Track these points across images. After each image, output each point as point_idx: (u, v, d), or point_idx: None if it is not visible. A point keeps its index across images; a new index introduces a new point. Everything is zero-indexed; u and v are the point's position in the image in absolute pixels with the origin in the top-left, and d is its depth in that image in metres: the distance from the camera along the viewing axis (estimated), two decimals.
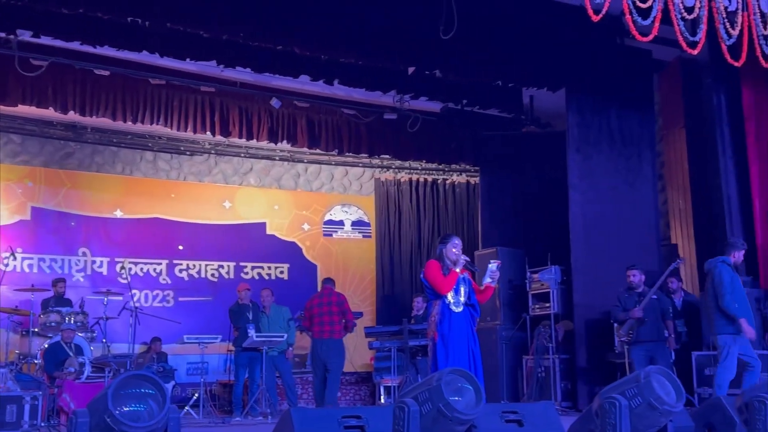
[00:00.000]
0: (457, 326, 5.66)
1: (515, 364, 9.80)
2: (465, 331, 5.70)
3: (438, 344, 5.63)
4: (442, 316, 5.66)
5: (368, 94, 9.87)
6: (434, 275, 5.72)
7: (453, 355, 5.57)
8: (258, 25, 7.60)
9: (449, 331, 5.62)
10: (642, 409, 3.59)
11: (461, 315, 5.71)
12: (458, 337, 5.63)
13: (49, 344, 8.79)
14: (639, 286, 7.71)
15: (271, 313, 9.28)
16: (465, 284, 5.81)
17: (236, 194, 12.00)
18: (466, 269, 5.85)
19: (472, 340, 5.74)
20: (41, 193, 10.75)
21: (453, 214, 12.66)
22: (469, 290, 5.82)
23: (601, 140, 9.37)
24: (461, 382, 3.42)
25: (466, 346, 5.66)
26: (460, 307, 5.72)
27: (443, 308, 5.69)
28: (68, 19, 7.47)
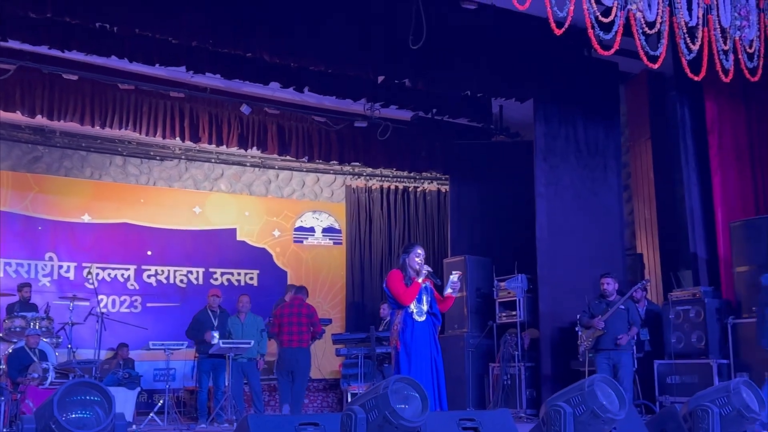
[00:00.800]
0: (419, 335, 5.71)
1: (482, 371, 9.87)
2: (427, 340, 5.75)
3: (401, 353, 5.67)
4: (405, 325, 5.71)
5: (339, 101, 9.92)
6: (396, 285, 5.77)
7: (415, 364, 5.62)
8: (227, 32, 7.61)
9: (411, 340, 5.67)
10: (586, 417, 3.66)
11: (423, 324, 5.77)
12: (421, 345, 5.69)
13: (13, 349, 8.71)
14: (612, 294, 7.79)
15: (246, 321, 9.25)
16: (427, 293, 5.86)
17: (207, 200, 11.98)
18: (429, 279, 5.90)
19: (435, 348, 5.80)
20: (8, 197, 10.66)
21: (423, 221, 12.75)
22: (432, 299, 5.88)
23: (568, 150, 9.48)
24: (408, 390, 3.47)
25: (429, 355, 5.72)
26: (423, 317, 5.78)
27: (406, 317, 5.74)
28: (36, 23, 7.43)
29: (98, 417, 2.81)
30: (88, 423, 2.78)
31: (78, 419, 2.77)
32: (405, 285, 5.76)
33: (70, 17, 7.06)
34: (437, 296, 5.95)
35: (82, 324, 9.72)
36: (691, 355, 7.92)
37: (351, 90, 9.43)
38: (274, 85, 9.15)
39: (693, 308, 8.03)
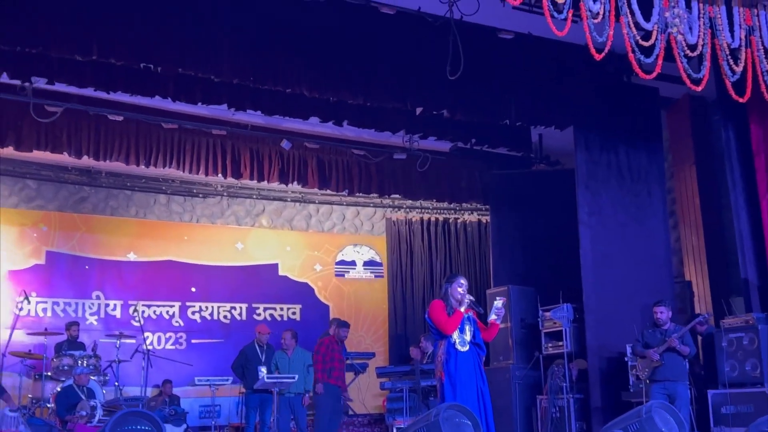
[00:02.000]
0: (463, 365, 5.63)
1: (529, 403, 9.68)
2: (472, 370, 5.67)
3: (446, 384, 5.60)
4: (449, 356, 5.65)
5: (377, 134, 9.96)
6: (439, 315, 5.73)
7: (461, 394, 5.53)
8: (267, 69, 7.72)
9: (456, 371, 5.60)
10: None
11: (467, 354, 5.69)
12: (465, 376, 5.61)
13: (61, 388, 8.80)
14: (666, 322, 7.61)
15: (293, 356, 9.20)
16: (470, 323, 5.81)
17: (249, 236, 12.07)
18: (471, 309, 5.84)
19: (480, 378, 5.71)
20: (56, 238, 10.87)
21: (465, 252, 12.67)
22: (475, 329, 5.81)
23: (610, 177, 9.37)
24: (460, 417, 3.41)
25: (474, 385, 5.63)
26: (466, 347, 5.71)
27: (449, 348, 5.68)
28: (82, 66, 7.63)
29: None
30: None
31: None
32: (447, 314, 5.72)
33: (114, 59, 7.22)
34: (481, 325, 5.88)
35: (129, 361, 9.84)
36: (745, 384, 7.66)
37: (389, 122, 9.48)
38: (314, 119, 9.24)
39: (746, 335, 7.79)
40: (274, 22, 7.46)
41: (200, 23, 7.29)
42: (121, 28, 7.02)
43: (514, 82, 8.66)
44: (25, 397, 9.36)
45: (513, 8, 7.18)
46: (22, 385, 9.40)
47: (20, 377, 9.41)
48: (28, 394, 9.38)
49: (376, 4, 7.45)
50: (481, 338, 5.83)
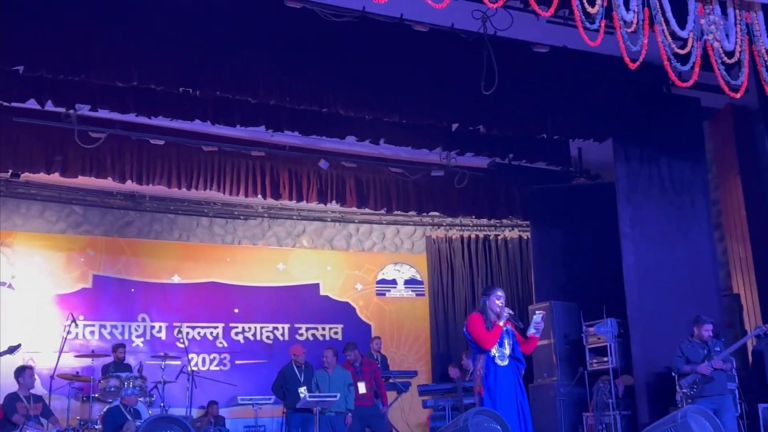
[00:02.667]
0: (503, 379, 5.57)
1: (575, 421, 9.51)
2: (512, 384, 5.60)
3: (485, 398, 5.54)
4: (488, 370, 5.59)
5: (414, 152, 9.99)
6: (477, 329, 5.68)
7: (501, 409, 5.46)
8: (303, 89, 7.81)
9: (495, 385, 5.54)
10: None
11: (506, 368, 5.63)
12: (505, 390, 5.54)
13: (108, 409, 8.91)
14: (709, 339, 7.47)
15: (333, 375, 9.21)
16: (509, 337, 5.75)
17: (290, 256, 12.16)
18: (510, 322, 5.78)
19: (520, 393, 5.64)
20: (102, 262, 11.09)
21: (506, 269, 12.57)
22: (514, 342, 5.75)
23: (652, 189, 9.24)
24: (489, 422, 3.37)
25: (515, 400, 5.56)
26: (505, 361, 5.65)
27: (488, 362, 5.62)
28: (123, 92, 7.82)
29: None
30: None
31: None
32: (486, 328, 5.66)
33: (154, 84, 7.39)
34: (520, 339, 5.82)
35: (174, 382, 9.93)
36: None
37: (426, 139, 9.50)
38: (350, 138, 9.31)
39: None
40: (307, 42, 7.55)
41: (235, 47, 7.42)
42: (160, 54, 7.18)
43: (551, 95, 8.62)
44: (73, 419, 9.50)
45: (547, 21, 7.19)
46: (70, 407, 9.53)
47: (68, 399, 9.55)
48: (76, 416, 9.52)
49: (409, 22, 7.49)
50: (521, 352, 5.77)
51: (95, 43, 6.93)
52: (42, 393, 8.84)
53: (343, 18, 7.21)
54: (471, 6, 7.00)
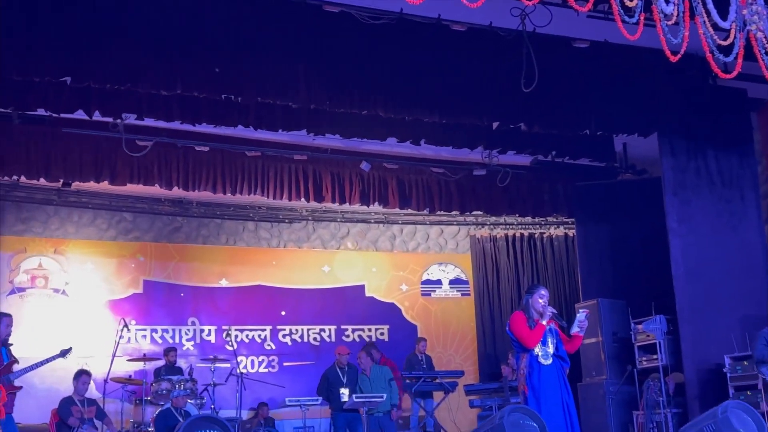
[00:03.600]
0: (547, 378, 5.54)
1: (625, 420, 9.39)
2: (556, 383, 5.57)
3: (529, 398, 5.51)
4: (531, 369, 5.57)
5: (455, 151, 9.96)
6: (520, 328, 5.66)
7: (546, 408, 5.42)
8: (343, 93, 7.88)
9: (539, 384, 5.51)
10: None
11: (550, 367, 5.60)
12: (549, 389, 5.51)
13: (160, 411, 9.11)
14: None
15: (372, 375, 9.30)
16: (552, 336, 5.71)
17: (335, 258, 12.26)
18: (553, 320, 5.75)
19: (565, 391, 5.60)
20: (152, 267, 11.33)
21: (552, 267, 12.47)
22: (557, 341, 5.71)
23: (700, 183, 9.07)
24: (525, 420, 3.36)
25: (560, 398, 5.52)
26: (549, 360, 5.61)
27: (531, 361, 5.60)
28: (168, 101, 8.00)
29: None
30: None
31: None
32: (529, 327, 5.64)
33: (197, 92, 7.54)
34: (563, 337, 5.77)
35: (224, 384, 10.10)
36: None
37: (467, 139, 9.47)
38: (391, 140, 9.34)
39: None
40: (346, 46, 7.61)
41: (275, 52, 7.51)
42: (202, 62, 7.31)
43: (592, 90, 8.53)
44: (127, 422, 9.72)
45: (587, 16, 7.11)
46: (123, 410, 9.75)
47: (122, 402, 9.77)
48: (129, 419, 9.75)
49: (447, 22, 7.49)
50: (564, 350, 5.73)
51: (140, 53, 7.09)
52: (96, 396, 9.06)
53: (381, 20, 7.24)
54: (509, 4, 6.96)
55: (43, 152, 8.76)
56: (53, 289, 10.62)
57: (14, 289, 10.37)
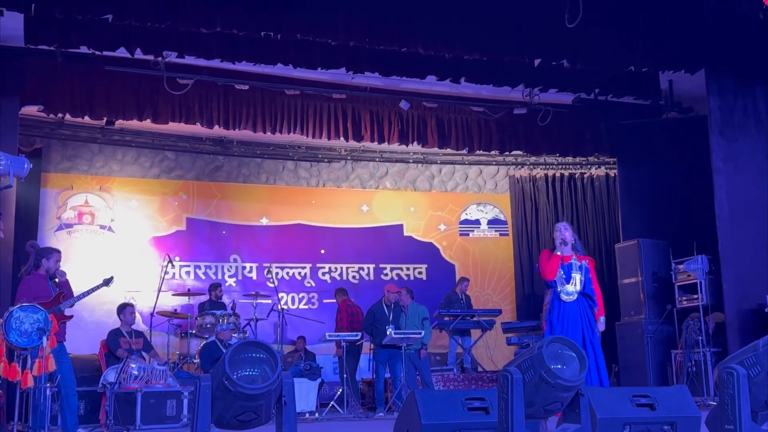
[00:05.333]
0: (567, 315, 5.63)
1: (663, 359, 9.43)
2: (577, 320, 5.64)
3: (546, 333, 5.62)
4: (552, 306, 5.70)
5: (496, 90, 9.82)
6: (541, 261, 5.79)
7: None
8: (382, 29, 7.81)
9: (558, 320, 5.62)
10: (761, 378, 3.40)
11: (573, 304, 5.67)
12: (570, 325, 5.60)
13: (204, 344, 9.40)
14: None
15: (409, 312, 9.46)
16: (582, 272, 5.75)
17: (373, 198, 12.33)
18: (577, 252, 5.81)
19: (588, 328, 5.67)
20: (195, 205, 11.52)
21: (592, 208, 12.37)
22: (586, 279, 5.75)
23: (747, 122, 8.87)
24: (564, 350, 3.40)
25: (580, 334, 5.60)
26: (573, 296, 5.67)
27: (553, 298, 5.71)
28: (208, 38, 8.01)
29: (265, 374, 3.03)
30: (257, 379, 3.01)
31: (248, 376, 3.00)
32: (548, 260, 5.74)
33: (236, 29, 7.54)
34: (594, 275, 5.84)
35: (265, 320, 10.35)
36: None
37: (508, 77, 9.33)
38: (431, 78, 9.24)
39: None
40: None
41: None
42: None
43: (638, 26, 8.32)
44: (173, 354, 10.05)
45: None
46: (170, 343, 10.08)
47: (168, 335, 10.10)
48: (175, 351, 10.08)
49: None
50: (593, 289, 5.78)
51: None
52: (143, 329, 9.36)
53: None
54: None
55: (86, 90, 8.88)
56: (99, 226, 10.89)
57: (62, 225, 10.65)
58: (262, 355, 3.05)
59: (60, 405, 6.46)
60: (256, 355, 3.04)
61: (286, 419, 3.22)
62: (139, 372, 7.89)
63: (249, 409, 3.09)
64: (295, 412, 3.28)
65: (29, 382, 5.60)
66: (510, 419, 3.29)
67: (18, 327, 5.54)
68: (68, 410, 6.46)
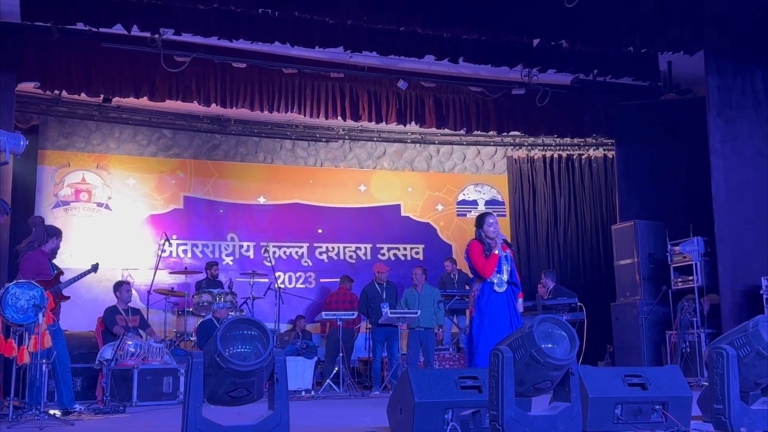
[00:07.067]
0: (495, 303, 5.79)
1: (658, 339, 9.48)
2: (505, 307, 5.77)
3: (475, 318, 5.80)
4: (481, 293, 5.82)
5: (494, 70, 9.77)
6: (477, 258, 5.91)
7: (491, 330, 5.66)
8: (381, 7, 7.78)
9: (487, 306, 5.75)
10: (751, 358, 3.43)
11: (503, 294, 5.82)
12: (498, 312, 5.75)
13: (201, 322, 9.43)
14: None
15: (423, 292, 9.49)
16: (507, 262, 5.89)
17: (371, 178, 12.32)
18: (505, 246, 5.91)
19: (515, 315, 5.81)
20: (192, 183, 11.51)
21: (590, 189, 12.37)
22: (512, 268, 5.90)
23: (745, 104, 8.87)
24: (555, 329, 3.43)
25: (508, 321, 5.72)
26: (503, 287, 5.81)
27: (484, 287, 5.84)
28: (205, 15, 7.97)
29: (257, 351, 3.05)
30: (248, 356, 3.02)
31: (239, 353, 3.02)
32: (484, 257, 5.80)
33: (234, 6, 7.50)
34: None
35: (262, 298, 10.38)
36: None
37: (506, 56, 9.30)
38: (429, 58, 9.20)
39: None
40: None
41: None
42: None
43: (638, 5, 8.28)
44: (170, 332, 10.10)
45: None
46: (167, 321, 10.12)
47: (165, 313, 10.14)
48: (172, 329, 10.13)
49: None
50: (517, 277, 5.93)
51: None
52: (140, 307, 9.39)
53: None
54: None
55: (83, 67, 8.84)
56: (96, 203, 10.88)
57: (59, 202, 10.65)
58: (254, 332, 3.06)
59: (55, 381, 6.51)
60: (248, 332, 3.06)
61: (278, 396, 3.25)
62: (135, 349, 7.92)
63: (241, 386, 3.12)
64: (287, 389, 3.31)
65: (25, 358, 5.63)
66: (500, 397, 3.32)
67: (14, 303, 5.56)
68: (64, 386, 6.52)
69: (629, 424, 4.04)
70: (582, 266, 12.13)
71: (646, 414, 4.14)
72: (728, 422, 3.76)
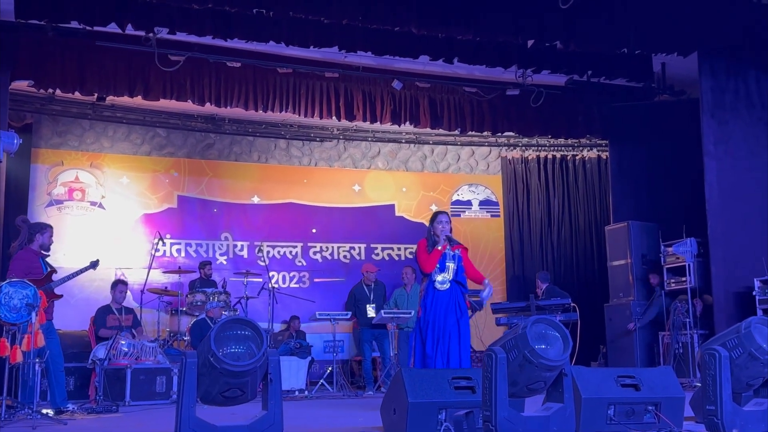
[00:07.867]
0: (439, 301, 5.83)
1: (650, 340, 9.52)
2: (450, 306, 5.79)
3: (421, 318, 5.82)
4: (426, 293, 5.87)
5: (489, 70, 9.79)
6: (419, 253, 6.00)
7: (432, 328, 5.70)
8: (376, 7, 7.77)
9: (432, 306, 5.83)
10: (743, 359, 3.45)
11: (446, 292, 5.85)
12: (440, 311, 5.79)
13: (194, 321, 9.42)
14: None
15: (411, 292, 9.51)
16: (454, 261, 5.91)
17: (365, 178, 12.32)
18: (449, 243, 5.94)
19: (459, 314, 5.83)
20: (186, 183, 11.48)
21: (584, 189, 12.40)
22: (458, 267, 5.92)
23: (739, 105, 8.91)
24: (549, 330, 3.44)
25: (454, 319, 5.74)
26: (446, 285, 5.85)
27: (429, 285, 5.89)
28: (200, 14, 7.96)
29: (251, 351, 3.05)
30: (242, 356, 3.02)
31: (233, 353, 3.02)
32: (427, 253, 5.86)
33: (229, 6, 7.49)
34: (468, 263, 6.01)
35: (256, 298, 10.37)
36: None
37: (501, 57, 9.31)
38: (424, 58, 9.21)
39: None
40: None
41: None
42: None
43: (632, 7, 8.29)
44: (164, 331, 10.07)
45: None
46: (160, 320, 10.09)
47: (158, 313, 10.10)
48: (166, 328, 10.10)
49: None
50: (464, 276, 5.94)
51: None
52: (134, 306, 9.37)
53: None
54: None
55: (77, 65, 8.81)
56: (90, 202, 10.85)
57: (52, 201, 10.61)
58: (248, 333, 3.06)
59: (48, 380, 6.50)
60: (242, 332, 3.06)
61: (271, 396, 3.25)
62: (129, 349, 7.92)
63: (234, 386, 3.12)
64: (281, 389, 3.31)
65: (18, 357, 5.62)
66: (493, 398, 3.33)
67: (7, 302, 5.55)
68: (56, 385, 6.50)
69: (622, 424, 4.06)
70: (575, 267, 12.16)
71: (639, 415, 4.15)
72: (720, 423, 3.78)
